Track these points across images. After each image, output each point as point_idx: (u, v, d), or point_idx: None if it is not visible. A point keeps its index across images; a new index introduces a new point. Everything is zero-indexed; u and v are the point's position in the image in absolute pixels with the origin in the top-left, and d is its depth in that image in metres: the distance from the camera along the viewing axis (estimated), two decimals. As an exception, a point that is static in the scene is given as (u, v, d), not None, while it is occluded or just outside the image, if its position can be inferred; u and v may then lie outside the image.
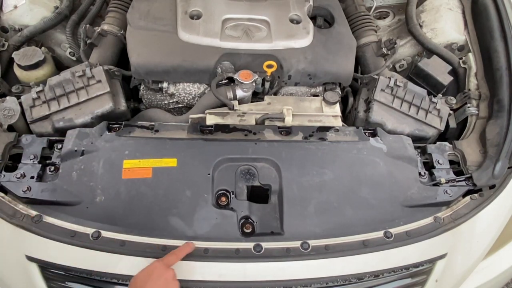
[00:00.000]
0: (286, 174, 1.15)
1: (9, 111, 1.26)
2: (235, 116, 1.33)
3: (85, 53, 1.48)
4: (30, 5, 1.55)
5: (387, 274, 1.11)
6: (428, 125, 1.38)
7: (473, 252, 1.22)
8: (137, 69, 1.38)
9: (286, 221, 1.09)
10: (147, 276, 0.90)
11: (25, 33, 1.52)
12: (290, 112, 1.32)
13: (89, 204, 1.07)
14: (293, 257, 1.05)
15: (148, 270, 0.91)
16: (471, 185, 1.26)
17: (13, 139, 1.19)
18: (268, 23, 1.47)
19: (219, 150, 1.18)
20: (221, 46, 1.40)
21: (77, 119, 1.26)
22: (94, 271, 1.02)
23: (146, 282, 0.88)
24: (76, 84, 1.28)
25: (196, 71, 1.39)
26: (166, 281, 0.90)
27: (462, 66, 1.61)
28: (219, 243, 1.05)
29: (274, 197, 1.14)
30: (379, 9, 1.98)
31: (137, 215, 1.07)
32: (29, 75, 1.42)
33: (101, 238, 1.03)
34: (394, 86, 1.41)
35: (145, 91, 1.50)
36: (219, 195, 1.13)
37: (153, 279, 0.89)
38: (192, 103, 1.50)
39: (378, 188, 1.17)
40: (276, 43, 1.42)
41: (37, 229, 1.04)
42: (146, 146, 1.17)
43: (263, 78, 1.45)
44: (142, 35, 1.40)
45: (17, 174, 1.12)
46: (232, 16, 1.47)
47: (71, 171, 1.11)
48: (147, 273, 0.91)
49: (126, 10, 1.55)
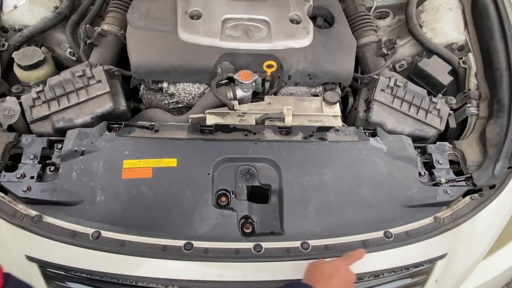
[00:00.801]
0: (286, 174, 1.15)
1: (9, 111, 1.26)
2: (235, 116, 1.33)
3: (85, 53, 1.48)
4: (30, 5, 1.55)
5: (387, 274, 1.11)
6: (428, 125, 1.38)
7: (473, 252, 1.22)
8: (137, 69, 1.38)
9: (286, 221, 1.09)
10: (334, 271, 0.91)
11: (25, 33, 1.51)
12: (290, 112, 1.32)
13: (89, 204, 1.07)
14: (293, 257, 1.05)
15: (335, 265, 0.93)
16: (471, 185, 1.26)
17: (13, 139, 1.19)
18: (268, 23, 1.47)
19: (219, 150, 1.18)
20: (221, 46, 1.40)
21: (77, 119, 1.26)
22: (94, 271, 1.02)
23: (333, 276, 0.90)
24: (76, 84, 1.28)
25: (196, 71, 1.39)
26: (347, 283, 0.93)
27: (462, 66, 1.61)
28: (219, 243, 1.05)
29: (274, 197, 1.14)
30: (379, 9, 1.97)
31: (137, 215, 1.07)
32: (29, 75, 1.42)
33: (101, 238, 1.03)
34: (394, 86, 1.40)
35: (145, 91, 1.50)
36: (219, 195, 1.13)
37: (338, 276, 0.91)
38: (192, 103, 1.50)
39: (378, 188, 1.17)
40: (276, 43, 1.42)
41: (37, 229, 1.04)
42: (146, 146, 1.17)
43: (263, 78, 1.45)
44: (142, 35, 1.40)
45: (17, 174, 1.12)
46: (232, 16, 1.47)
47: (71, 171, 1.11)
48: (334, 268, 0.92)
49: (126, 10, 1.55)
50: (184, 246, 1.03)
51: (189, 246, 1.03)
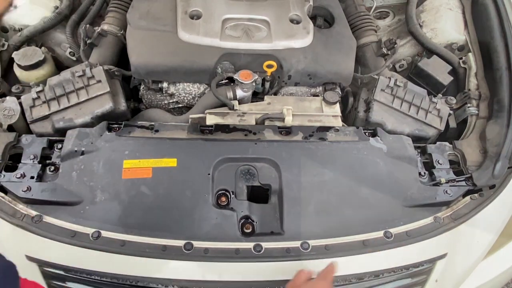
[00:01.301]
0: (286, 174, 1.15)
1: (9, 111, 1.26)
2: (235, 116, 1.33)
3: (85, 53, 1.48)
4: (30, 5, 1.55)
5: (387, 274, 1.11)
6: (428, 125, 1.38)
7: (473, 252, 1.22)
8: (137, 69, 1.38)
9: (286, 221, 1.09)
10: None
11: (25, 33, 1.52)
12: (290, 112, 1.32)
13: (89, 204, 1.07)
14: (293, 257, 1.05)
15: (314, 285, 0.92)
16: (471, 185, 1.26)
17: (13, 139, 1.19)
18: (268, 23, 1.47)
19: (219, 150, 1.18)
20: (221, 46, 1.40)
21: (77, 119, 1.26)
22: (94, 271, 1.02)
23: None
24: (76, 84, 1.28)
25: (196, 71, 1.39)
26: None
27: (462, 66, 1.62)
28: (219, 243, 1.05)
29: (274, 197, 1.14)
30: (379, 9, 1.97)
31: (137, 215, 1.07)
32: (29, 75, 1.42)
33: (101, 238, 1.03)
34: (394, 86, 1.40)
35: (145, 91, 1.50)
36: (219, 195, 1.13)
37: None
38: (192, 103, 1.50)
39: (378, 188, 1.17)
40: (276, 43, 1.42)
41: (37, 229, 1.04)
42: (146, 146, 1.17)
43: (263, 78, 1.45)
44: (142, 35, 1.40)
45: (17, 174, 1.12)
46: (232, 16, 1.47)
47: (71, 171, 1.11)
48: None
49: (126, 10, 1.55)
50: (184, 246, 1.03)
51: (189, 246, 1.03)
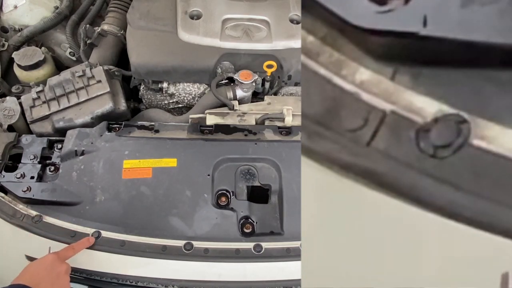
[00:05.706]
0: (286, 174, 1.15)
1: (9, 111, 1.26)
2: (235, 116, 1.33)
3: (85, 53, 1.48)
4: (30, 5, 1.54)
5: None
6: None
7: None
8: (137, 69, 1.38)
9: (286, 221, 1.09)
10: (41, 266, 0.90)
11: (25, 33, 1.51)
12: (290, 112, 1.32)
13: (89, 204, 1.07)
14: (293, 257, 1.04)
15: (43, 261, 0.92)
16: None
17: (13, 139, 1.19)
18: (268, 23, 1.47)
19: (219, 150, 1.18)
20: (221, 46, 1.39)
21: (77, 119, 1.26)
22: (94, 271, 1.02)
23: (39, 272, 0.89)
24: (76, 84, 1.28)
25: (196, 71, 1.39)
26: (58, 275, 0.90)
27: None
28: (219, 243, 1.05)
29: (274, 197, 1.14)
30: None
31: (137, 215, 1.07)
32: (29, 75, 1.42)
33: (101, 238, 1.03)
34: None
35: (145, 91, 1.50)
36: (219, 195, 1.13)
37: (47, 271, 0.89)
38: (192, 103, 1.50)
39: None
40: (276, 43, 1.42)
41: (37, 229, 1.04)
42: (146, 146, 1.17)
43: (263, 78, 1.45)
44: (142, 35, 1.40)
45: (17, 174, 1.12)
46: (232, 16, 1.47)
47: (71, 171, 1.11)
48: (41, 263, 0.91)
49: (126, 10, 1.55)
50: (184, 246, 1.03)
51: (189, 246, 1.03)
